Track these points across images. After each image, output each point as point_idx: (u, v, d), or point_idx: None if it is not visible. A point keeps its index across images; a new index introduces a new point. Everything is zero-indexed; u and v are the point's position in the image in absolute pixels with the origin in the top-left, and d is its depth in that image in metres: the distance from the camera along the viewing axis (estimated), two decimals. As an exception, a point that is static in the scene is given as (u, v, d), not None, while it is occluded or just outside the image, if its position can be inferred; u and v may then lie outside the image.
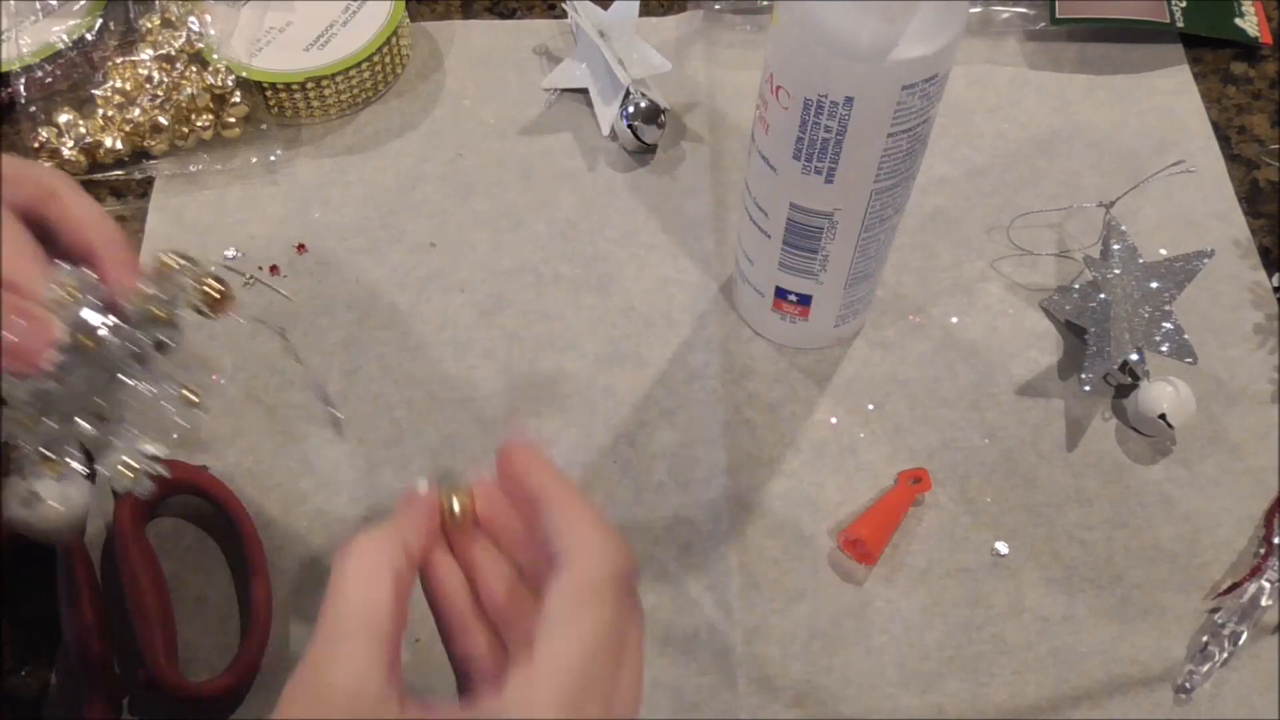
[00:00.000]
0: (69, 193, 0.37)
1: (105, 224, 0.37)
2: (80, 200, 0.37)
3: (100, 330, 0.33)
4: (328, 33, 0.58)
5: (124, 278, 0.36)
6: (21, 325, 0.32)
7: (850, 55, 0.37)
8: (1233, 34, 0.62)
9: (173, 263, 0.35)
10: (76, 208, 0.37)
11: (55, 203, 0.37)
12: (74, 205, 0.37)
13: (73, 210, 0.37)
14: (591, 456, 0.48)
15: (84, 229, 0.36)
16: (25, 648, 0.44)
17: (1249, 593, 0.45)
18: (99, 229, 0.36)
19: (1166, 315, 0.50)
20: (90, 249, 0.36)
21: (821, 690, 0.43)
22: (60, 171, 0.38)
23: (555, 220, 0.56)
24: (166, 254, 0.35)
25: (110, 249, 0.36)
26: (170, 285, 0.35)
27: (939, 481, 0.48)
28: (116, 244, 0.36)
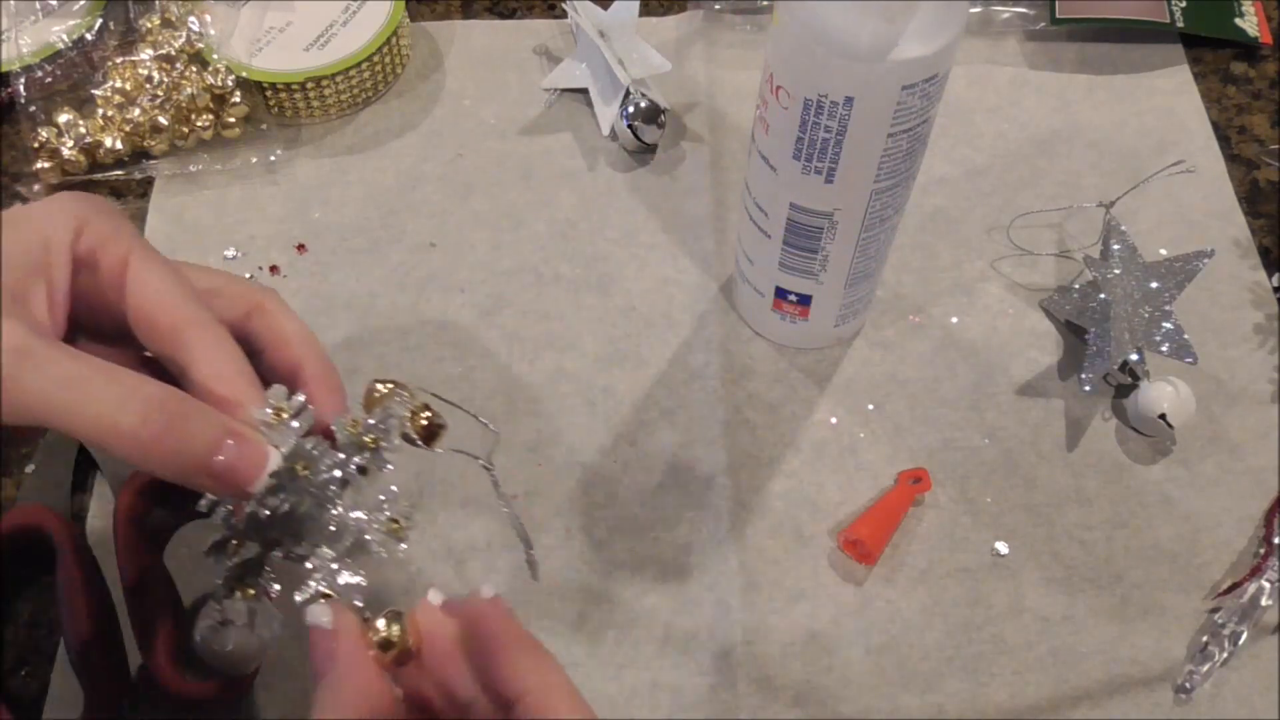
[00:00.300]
0: (277, 308, 0.36)
1: (312, 343, 0.36)
2: (288, 317, 0.36)
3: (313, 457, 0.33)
4: (328, 33, 0.58)
5: (333, 402, 0.35)
6: (234, 448, 0.31)
7: (850, 55, 0.37)
8: (1233, 34, 0.62)
9: (385, 390, 0.34)
10: (284, 324, 0.36)
11: (261, 317, 0.36)
12: (281, 322, 0.36)
13: (280, 327, 0.36)
14: (591, 456, 0.48)
15: (290, 347, 0.36)
16: (25, 648, 0.44)
17: (1249, 593, 0.45)
18: (306, 348, 0.36)
19: (1166, 315, 0.50)
20: (296, 369, 0.35)
21: (821, 690, 0.43)
22: (269, 289, 0.37)
23: (555, 220, 0.56)
24: (381, 382, 0.35)
25: (318, 371, 0.36)
26: (380, 412, 0.34)
27: (939, 481, 0.48)
28: (324, 365, 0.36)
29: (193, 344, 0.33)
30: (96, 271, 0.33)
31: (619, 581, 0.45)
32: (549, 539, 0.46)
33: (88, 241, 0.33)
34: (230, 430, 0.31)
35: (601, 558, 0.46)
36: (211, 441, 0.31)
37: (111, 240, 0.33)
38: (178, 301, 0.33)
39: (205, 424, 0.31)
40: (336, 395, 0.36)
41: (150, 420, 0.30)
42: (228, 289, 0.36)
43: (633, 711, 0.43)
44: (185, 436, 0.31)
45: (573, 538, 0.46)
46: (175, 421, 0.30)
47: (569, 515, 0.47)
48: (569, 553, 0.46)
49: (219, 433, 0.31)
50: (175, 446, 0.31)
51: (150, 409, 0.30)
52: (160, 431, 0.30)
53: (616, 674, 0.43)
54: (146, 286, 0.33)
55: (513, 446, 0.49)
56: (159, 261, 0.34)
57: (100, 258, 0.33)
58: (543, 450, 0.48)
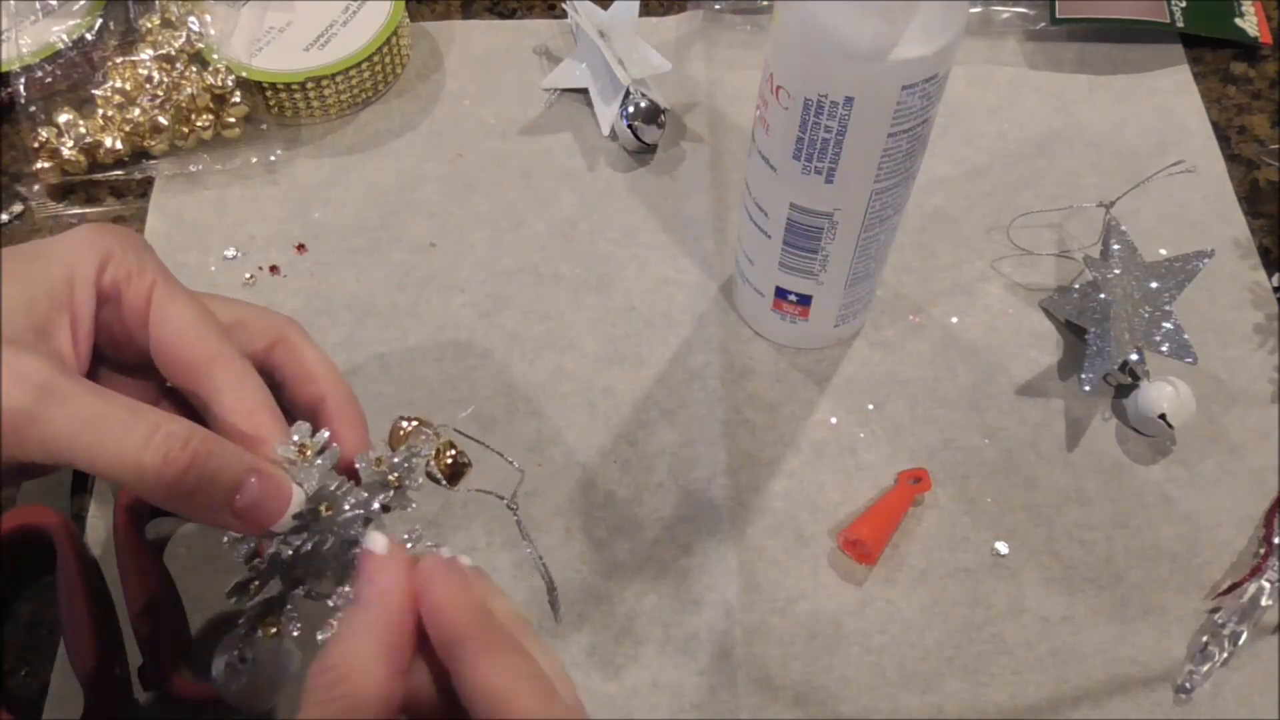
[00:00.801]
0: (300, 340, 0.36)
1: (335, 378, 0.36)
2: (311, 349, 0.36)
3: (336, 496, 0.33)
4: (328, 33, 0.58)
5: (356, 438, 0.35)
6: (257, 486, 0.31)
7: (850, 55, 0.37)
8: (1233, 34, 0.62)
9: (409, 427, 0.34)
10: (307, 357, 0.36)
11: (285, 349, 0.36)
12: (304, 355, 0.36)
13: (303, 360, 0.36)
14: (591, 456, 0.48)
15: (314, 382, 0.35)
16: (25, 648, 0.44)
17: (1249, 593, 0.45)
18: (329, 383, 0.36)
19: (1166, 315, 0.50)
20: (319, 403, 0.35)
21: (821, 690, 0.43)
22: (292, 320, 0.37)
23: (555, 220, 0.56)
24: (406, 419, 0.34)
25: (341, 406, 0.35)
26: (405, 450, 0.34)
27: (939, 481, 0.48)
28: (347, 400, 0.36)
29: (216, 379, 0.33)
30: (120, 305, 0.33)
31: (619, 581, 0.45)
32: (549, 539, 0.46)
33: (112, 275, 0.33)
34: (253, 468, 0.31)
35: (601, 558, 0.46)
36: (234, 480, 0.31)
37: (136, 274, 0.33)
38: (201, 336, 0.33)
39: (228, 462, 0.31)
40: (359, 431, 0.35)
41: (173, 459, 0.30)
42: (252, 322, 0.36)
43: (633, 711, 0.43)
44: (208, 475, 0.30)
45: (573, 538, 0.46)
46: (198, 460, 0.30)
47: (569, 515, 0.47)
48: (569, 553, 0.46)
49: (242, 471, 0.31)
50: (198, 485, 0.30)
51: (173, 447, 0.30)
52: (183, 470, 0.30)
53: (616, 674, 0.43)
54: (170, 321, 0.33)
55: (513, 446, 0.48)
56: (183, 295, 0.34)
57: (124, 291, 0.33)
58: (543, 450, 0.48)
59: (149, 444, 0.30)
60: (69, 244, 0.33)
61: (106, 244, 0.33)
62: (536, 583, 0.45)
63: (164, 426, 0.30)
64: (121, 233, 0.34)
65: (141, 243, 0.35)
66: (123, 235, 0.34)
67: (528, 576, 0.45)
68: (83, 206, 0.56)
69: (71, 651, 0.41)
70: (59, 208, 0.56)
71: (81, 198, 0.56)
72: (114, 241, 0.33)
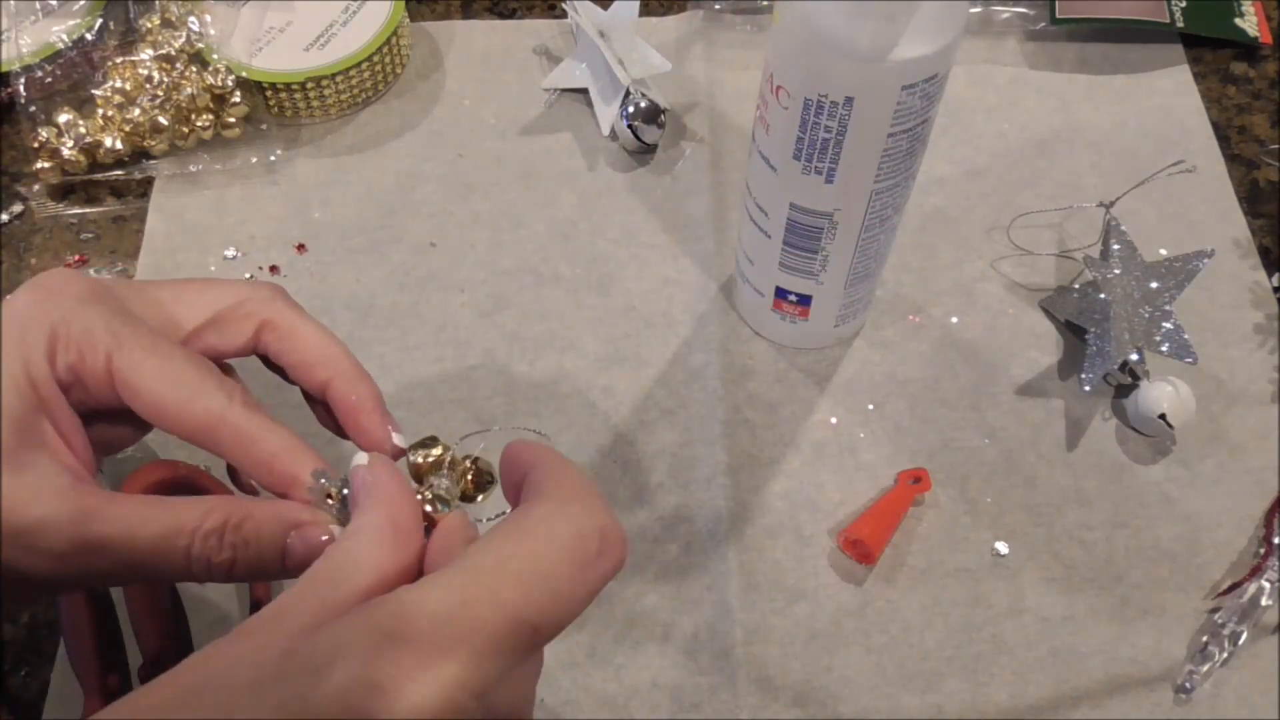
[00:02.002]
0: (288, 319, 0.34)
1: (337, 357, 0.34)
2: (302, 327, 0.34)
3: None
4: (328, 33, 0.58)
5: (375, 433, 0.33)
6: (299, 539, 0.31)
7: (850, 55, 0.37)
8: (1233, 34, 0.62)
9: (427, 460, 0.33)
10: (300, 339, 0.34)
11: (274, 334, 0.34)
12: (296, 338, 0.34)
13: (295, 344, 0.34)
14: (591, 456, 0.48)
15: (316, 367, 0.34)
16: (25, 648, 0.44)
17: (1249, 593, 0.45)
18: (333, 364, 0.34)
19: (1166, 315, 0.50)
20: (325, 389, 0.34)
21: (821, 690, 0.43)
22: (272, 290, 0.34)
23: (555, 220, 0.56)
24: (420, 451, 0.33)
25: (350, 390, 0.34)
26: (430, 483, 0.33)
27: (939, 481, 0.48)
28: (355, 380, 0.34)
29: (218, 445, 0.32)
30: (86, 387, 0.32)
31: (619, 581, 0.45)
32: (549, 539, 0.46)
33: (64, 359, 0.31)
34: (291, 524, 0.31)
35: (601, 558, 0.46)
36: (277, 544, 0.31)
37: (87, 347, 0.31)
38: (181, 400, 0.31)
39: (265, 533, 0.30)
40: (374, 417, 0.34)
41: (217, 562, 0.30)
42: (229, 313, 0.34)
43: (633, 711, 0.43)
44: (252, 556, 0.30)
45: (573, 538, 0.46)
46: (239, 552, 0.30)
47: (569, 515, 0.47)
48: (569, 553, 0.46)
49: (280, 532, 0.31)
50: (247, 568, 0.30)
51: (211, 550, 0.30)
52: (230, 565, 0.30)
53: (616, 674, 0.43)
54: (142, 394, 0.31)
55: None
56: (143, 355, 0.31)
57: (82, 372, 0.31)
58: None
59: (191, 556, 0.30)
60: (12, 342, 0.31)
61: (46, 325, 0.31)
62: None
63: (198, 531, 0.30)
64: (59, 297, 0.31)
65: (83, 299, 0.32)
66: (62, 300, 0.31)
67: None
68: (83, 206, 0.56)
69: (71, 651, 0.41)
70: (59, 208, 0.56)
71: (81, 198, 0.56)
72: (54, 317, 0.31)
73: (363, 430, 0.34)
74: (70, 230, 0.55)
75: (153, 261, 0.54)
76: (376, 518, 0.28)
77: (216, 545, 0.30)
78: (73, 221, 0.56)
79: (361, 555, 0.27)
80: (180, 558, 0.30)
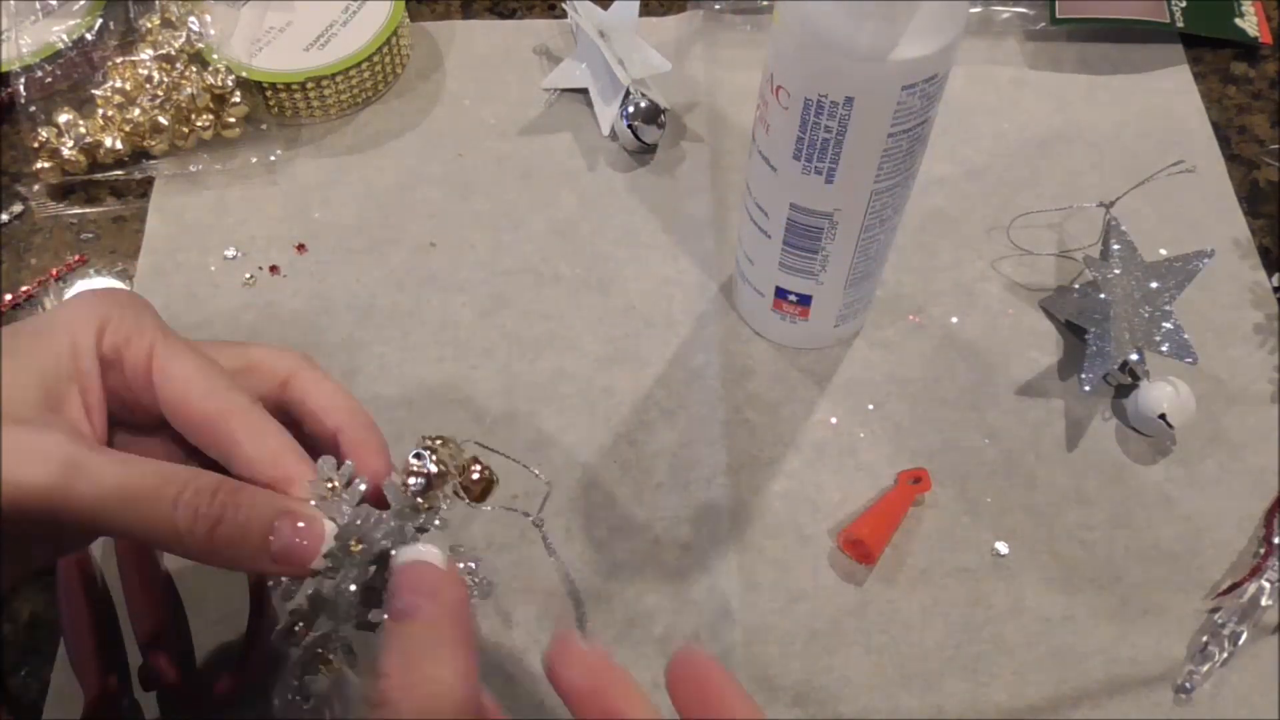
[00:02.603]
0: (310, 375, 0.36)
1: (351, 408, 0.36)
2: (322, 382, 0.36)
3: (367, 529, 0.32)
4: (328, 33, 0.58)
5: (378, 465, 0.35)
6: (288, 528, 0.31)
7: (850, 55, 0.37)
8: (1233, 34, 0.62)
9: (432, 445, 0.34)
10: (318, 392, 0.36)
11: (297, 386, 0.36)
12: (316, 389, 0.36)
13: (315, 395, 0.36)
14: (591, 456, 0.48)
15: (329, 415, 0.35)
16: (25, 648, 0.44)
17: (1249, 593, 0.45)
18: (345, 413, 0.35)
19: (1166, 315, 0.50)
20: (337, 435, 0.35)
21: (821, 690, 0.43)
22: (302, 354, 0.37)
23: (555, 220, 0.56)
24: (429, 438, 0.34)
25: (360, 435, 0.35)
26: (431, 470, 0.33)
27: (939, 481, 0.48)
28: (364, 428, 0.35)
29: (232, 431, 0.33)
30: (123, 369, 0.34)
31: (619, 581, 0.45)
32: (549, 539, 0.46)
33: (111, 340, 0.33)
34: (283, 510, 0.31)
35: (601, 558, 0.46)
36: (266, 525, 0.31)
37: (135, 335, 0.33)
38: (208, 391, 0.33)
39: (258, 509, 0.31)
40: (381, 458, 0.35)
41: (203, 514, 0.30)
42: (261, 363, 0.36)
43: (633, 711, 0.43)
44: (239, 525, 0.31)
45: (573, 538, 0.46)
46: (227, 512, 0.31)
47: (569, 515, 0.47)
48: (569, 553, 0.46)
49: (273, 515, 0.31)
50: (231, 537, 0.31)
51: (201, 503, 0.30)
52: (214, 524, 0.30)
53: (616, 674, 0.43)
54: (174, 380, 0.33)
55: (513, 446, 0.48)
56: (184, 351, 0.34)
57: (125, 355, 0.33)
58: (543, 450, 0.48)
59: (178, 505, 0.30)
60: (67, 315, 0.33)
61: (103, 309, 0.34)
62: (536, 584, 0.45)
63: (191, 484, 0.31)
64: (117, 295, 0.34)
65: (138, 301, 0.35)
66: (118, 297, 0.34)
67: (524, 577, 0.45)
68: (83, 206, 0.56)
69: (71, 651, 0.41)
70: (59, 208, 0.56)
71: (81, 198, 0.56)
72: (110, 305, 0.34)
73: (366, 463, 0.35)
74: (70, 230, 0.55)
75: (153, 261, 0.54)
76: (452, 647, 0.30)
77: (207, 499, 0.31)
78: (73, 221, 0.56)
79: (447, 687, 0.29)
80: (167, 503, 0.30)
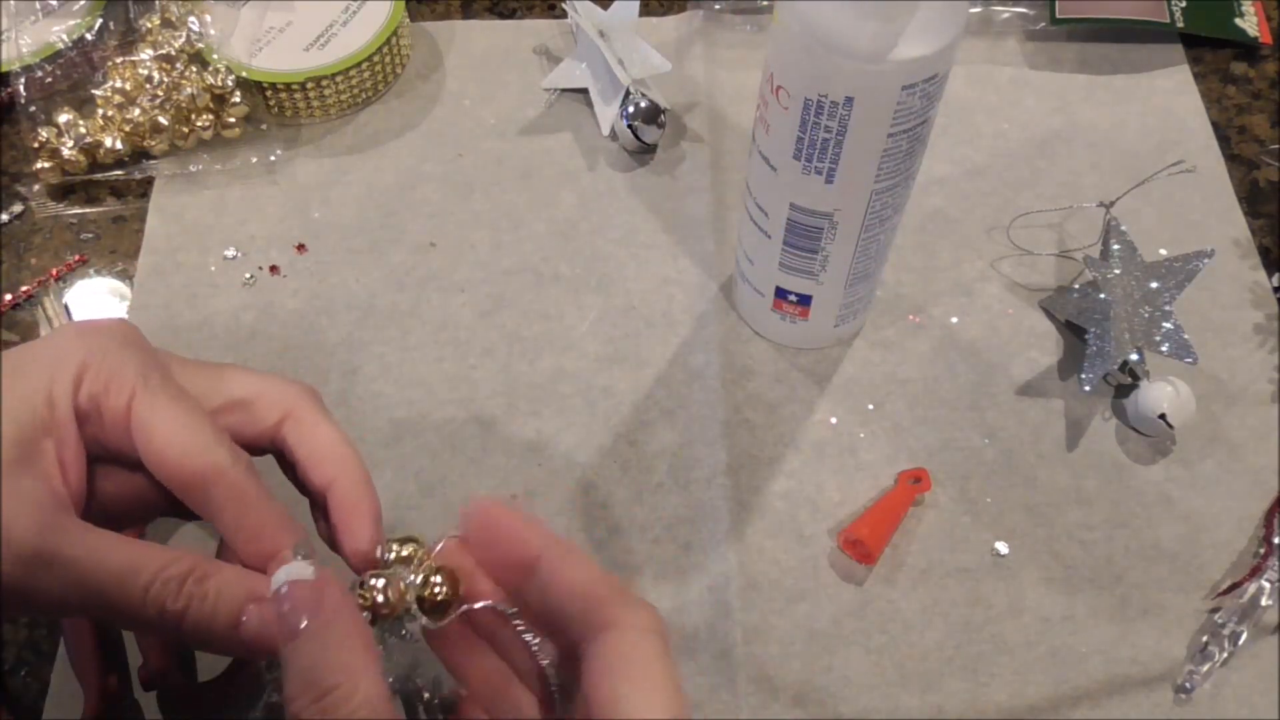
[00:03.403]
0: (310, 416, 0.34)
1: (347, 460, 0.34)
2: (321, 427, 0.34)
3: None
4: (328, 33, 0.58)
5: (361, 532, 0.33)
6: (257, 614, 0.30)
7: (850, 55, 0.37)
8: (1233, 34, 0.62)
9: (394, 555, 0.32)
10: (316, 437, 0.34)
11: (295, 427, 0.34)
12: (313, 434, 0.34)
13: (312, 440, 0.34)
14: (591, 456, 0.48)
15: (323, 465, 0.34)
16: (25, 648, 0.44)
17: (1249, 593, 0.45)
18: (339, 465, 0.34)
19: (1166, 315, 0.50)
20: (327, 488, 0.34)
21: (821, 690, 0.43)
22: (307, 390, 0.35)
23: (555, 220, 0.56)
24: (394, 542, 0.32)
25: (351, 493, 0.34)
26: (378, 602, 0.32)
27: (939, 481, 0.48)
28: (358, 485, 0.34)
29: (212, 498, 0.32)
30: (101, 420, 0.32)
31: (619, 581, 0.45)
32: (549, 539, 0.46)
33: (89, 388, 0.32)
34: (254, 596, 0.30)
35: (601, 558, 0.46)
36: (233, 613, 0.30)
37: (115, 383, 0.32)
38: (187, 450, 0.31)
39: (225, 597, 0.30)
40: (367, 524, 0.34)
41: (169, 610, 0.30)
42: (260, 397, 0.34)
43: (633, 711, 0.43)
44: (205, 615, 0.30)
45: (573, 538, 0.46)
46: (193, 604, 0.30)
47: (569, 515, 0.47)
48: (569, 553, 0.46)
49: (241, 601, 0.30)
50: (197, 626, 0.30)
51: (168, 595, 0.30)
52: (179, 616, 0.30)
53: (616, 674, 0.43)
54: (153, 437, 0.31)
55: (513, 446, 0.49)
56: (165, 403, 0.32)
57: (103, 404, 0.32)
58: (543, 450, 0.48)
59: (146, 597, 0.30)
60: (46, 357, 0.32)
61: (83, 353, 0.32)
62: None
63: (159, 574, 0.30)
64: (99, 334, 0.33)
65: (122, 339, 0.33)
66: (100, 338, 0.32)
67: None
68: (83, 206, 0.56)
69: (71, 651, 0.41)
70: (59, 208, 0.56)
71: (81, 198, 0.56)
72: (92, 348, 0.32)
73: (350, 532, 0.33)
74: (70, 230, 0.55)
75: (153, 261, 0.54)
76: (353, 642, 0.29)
77: (175, 591, 0.30)
78: (73, 221, 0.56)
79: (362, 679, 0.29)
80: (137, 594, 0.30)
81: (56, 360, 0.32)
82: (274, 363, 0.51)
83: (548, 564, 0.30)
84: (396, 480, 0.48)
